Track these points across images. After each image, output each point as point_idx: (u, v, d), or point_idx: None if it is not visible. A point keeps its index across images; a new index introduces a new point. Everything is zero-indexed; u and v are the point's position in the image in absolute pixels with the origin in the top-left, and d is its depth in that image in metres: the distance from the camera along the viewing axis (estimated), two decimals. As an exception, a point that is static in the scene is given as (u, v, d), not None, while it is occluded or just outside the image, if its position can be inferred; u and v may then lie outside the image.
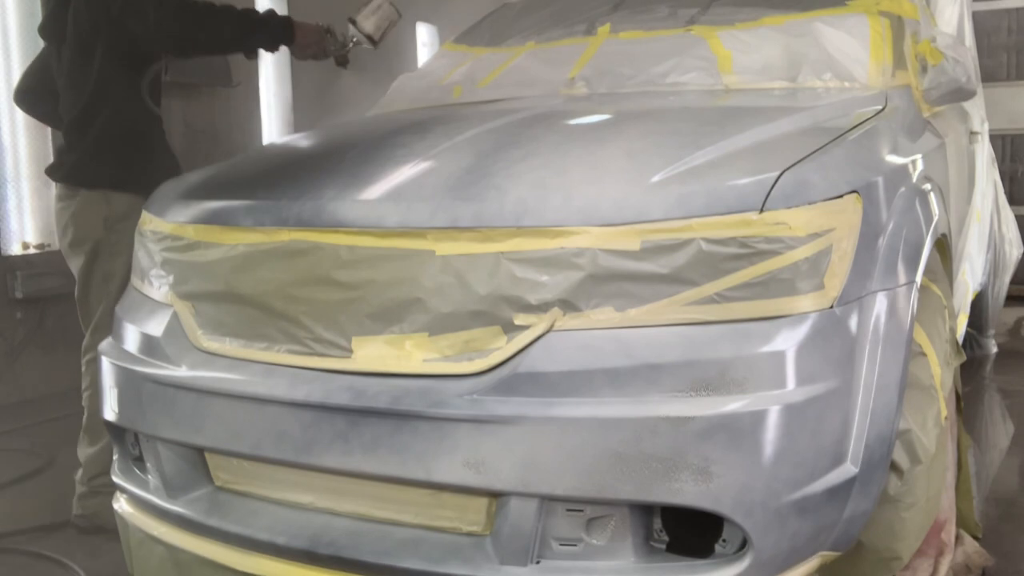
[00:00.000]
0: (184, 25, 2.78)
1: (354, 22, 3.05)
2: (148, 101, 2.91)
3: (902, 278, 1.75)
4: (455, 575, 1.64)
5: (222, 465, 1.94)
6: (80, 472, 2.94)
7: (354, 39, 3.07)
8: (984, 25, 5.88)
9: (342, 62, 3.14)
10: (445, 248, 1.69)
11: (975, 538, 2.34)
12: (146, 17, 2.71)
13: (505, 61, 2.92)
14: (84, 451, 2.93)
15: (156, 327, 2.01)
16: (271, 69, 6.81)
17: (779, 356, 1.55)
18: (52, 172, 2.97)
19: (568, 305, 1.62)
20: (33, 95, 3.14)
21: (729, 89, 2.49)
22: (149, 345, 2.01)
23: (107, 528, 2.57)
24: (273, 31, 2.95)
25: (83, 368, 2.95)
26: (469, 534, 1.68)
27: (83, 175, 2.87)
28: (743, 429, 1.52)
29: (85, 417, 2.93)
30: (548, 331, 1.62)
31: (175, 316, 1.99)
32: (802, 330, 1.57)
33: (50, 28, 2.96)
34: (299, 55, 3.05)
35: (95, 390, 2.83)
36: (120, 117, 2.85)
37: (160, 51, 2.89)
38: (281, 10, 6.91)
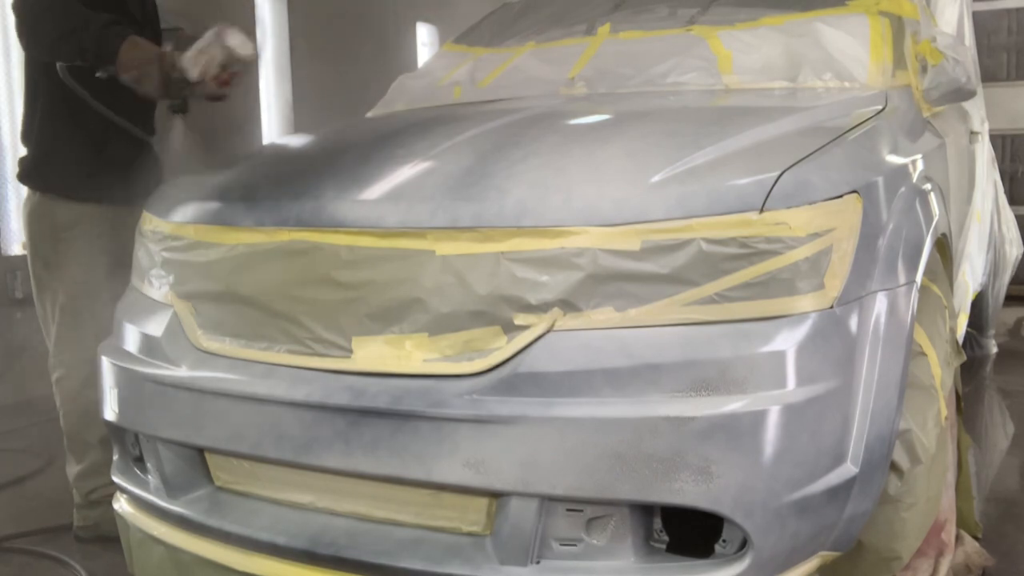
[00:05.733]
0: (26, 23, 2.51)
1: (180, 65, 2.52)
2: (92, 102, 2.63)
3: (902, 278, 1.75)
4: (455, 575, 1.64)
5: (222, 465, 1.94)
6: (74, 490, 2.86)
7: (192, 82, 2.55)
8: (984, 25, 5.88)
9: (178, 108, 2.73)
10: (445, 248, 1.69)
11: (975, 538, 2.34)
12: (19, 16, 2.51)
13: (505, 61, 2.92)
14: (72, 470, 2.83)
15: (156, 327, 2.01)
16: (271, 69, 6.82)
17: (779, 356, 1.55)
18: (18, 167, 2.82)
19: (568, 305, 1.62)
20: None
21: (729, 89, 2.49)
22: (149, 345, 2.01)
23: (109, 538, 2.52)
24: (91, 42, 2.46)
25: (53, 387, 2.80)
26: (469, 534, 1.68)
27: (33, 177, 2.75)
28: (743, 429, 1.52)
29: (64, 438, 2.82)
30: (548, 331, 1.62)
31: (175, 316, 1.99)
32: (802, 330, 1.57)
33: None
34: (120, 76, 2.51)
35: (68, 409, 2.76)
36: (60, 117, 2.69)
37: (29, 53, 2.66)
38: (281, 12, 6.91)
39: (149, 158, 2.90)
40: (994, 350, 4.90)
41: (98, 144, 2.74)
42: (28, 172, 2.79)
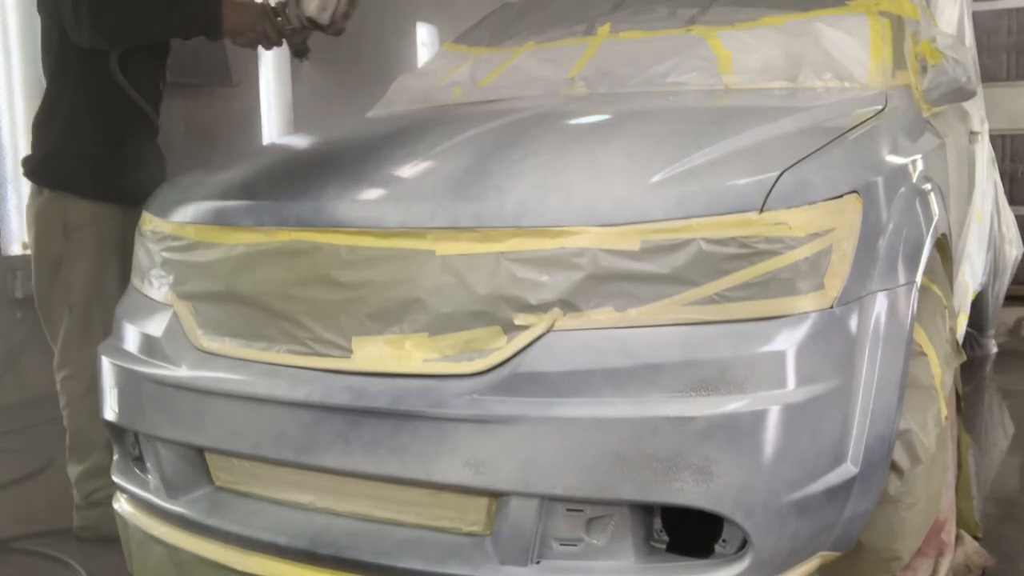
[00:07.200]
0: (103, 15, 2.49)
1: (296, 2, 2.57)
2: (133, 95, 2.67)
3: (902, 278, 1.75)
4: (455, 575, 1.64)
5: (222, 465, 1.94)
6: (74, 491, 2.83)
7: (305, 25, 2.62)
8: (984, 25, 5.88)
9: (300, 52, 2.70)
10: (445, 248, 1.69)
11: (975, 538, 2.34)
12: (69, 6, 2.47)
13: (505, 61, 2.92)
14: (73, 471, 2.80)
15: (156, 327, 2.01)
16: (271, 69, 6.81)
17: (779, 356, 1.55)
18: (23, 165, 2.77)
19: (568, 305, 1.62)
20: None
21: (729, 89, 2.49)
22: (149, 345, 2.01)
23: (109, 538, 2.49)
24: (192, 15, 2.51)
25: (58, 387, 2.77)
26: (469, 534, 1.68)
27: (45, 174, 2.69)
28: (743, 429, 1.52)
29: (68, 437, 2.79)
30: (548, 331, 1.62)
31: (175, 316, 1.99)
32: (802, 330, 1.57)
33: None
34: (235, 42, 2.65)
35: (73, 409, 2.73)
36: (84, 113, 2.64)
37: (84, 44, 2.57)
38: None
39: (158, 156, 2.87)
40: (994, 350, 4.90)
41: (115, 142, 2.70)
42: (39, 169, 2.73)
